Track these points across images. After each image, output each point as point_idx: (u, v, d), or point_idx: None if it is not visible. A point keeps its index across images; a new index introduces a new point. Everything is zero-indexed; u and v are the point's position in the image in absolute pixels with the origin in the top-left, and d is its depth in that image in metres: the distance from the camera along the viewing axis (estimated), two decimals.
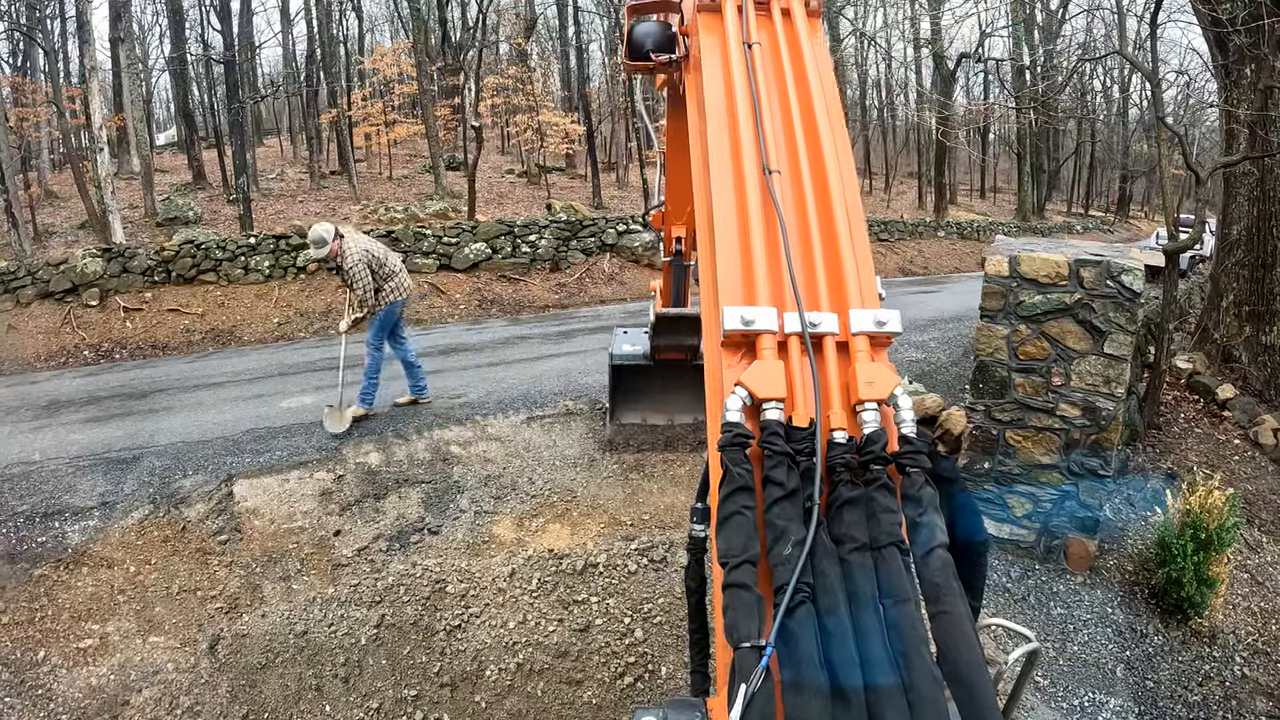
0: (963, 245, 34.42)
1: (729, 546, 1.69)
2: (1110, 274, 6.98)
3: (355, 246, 9.17)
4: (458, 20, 39.93)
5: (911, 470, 1.84)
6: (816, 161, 2.42)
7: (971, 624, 1.64)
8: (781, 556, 1.66)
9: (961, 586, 1.69)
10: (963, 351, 12.92)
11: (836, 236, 2.23)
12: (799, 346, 2.01)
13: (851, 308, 2.08)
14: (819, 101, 2.55)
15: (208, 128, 42.42)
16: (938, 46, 36.49)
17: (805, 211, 2.31)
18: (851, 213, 2.30)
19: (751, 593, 1.62)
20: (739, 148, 2.42)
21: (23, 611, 7.03)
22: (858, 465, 1.84)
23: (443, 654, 6.45)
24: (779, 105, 2.59)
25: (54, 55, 34.49)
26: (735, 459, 1.80)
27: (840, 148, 2.47)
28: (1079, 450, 7.32)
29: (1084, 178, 60.38)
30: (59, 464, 9.40)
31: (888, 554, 1.70)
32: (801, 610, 1.58)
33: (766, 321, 2.00)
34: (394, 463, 8.97)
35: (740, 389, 1.91)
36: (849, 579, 1.67)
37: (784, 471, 1.77)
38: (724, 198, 2.34)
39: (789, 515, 1.72)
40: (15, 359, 16.09)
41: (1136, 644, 6.89)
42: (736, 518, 1.73)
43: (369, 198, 29.23)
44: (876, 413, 1.91)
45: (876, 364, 2.00)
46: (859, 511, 1.77)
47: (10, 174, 22.16)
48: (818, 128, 2.48)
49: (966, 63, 38.71)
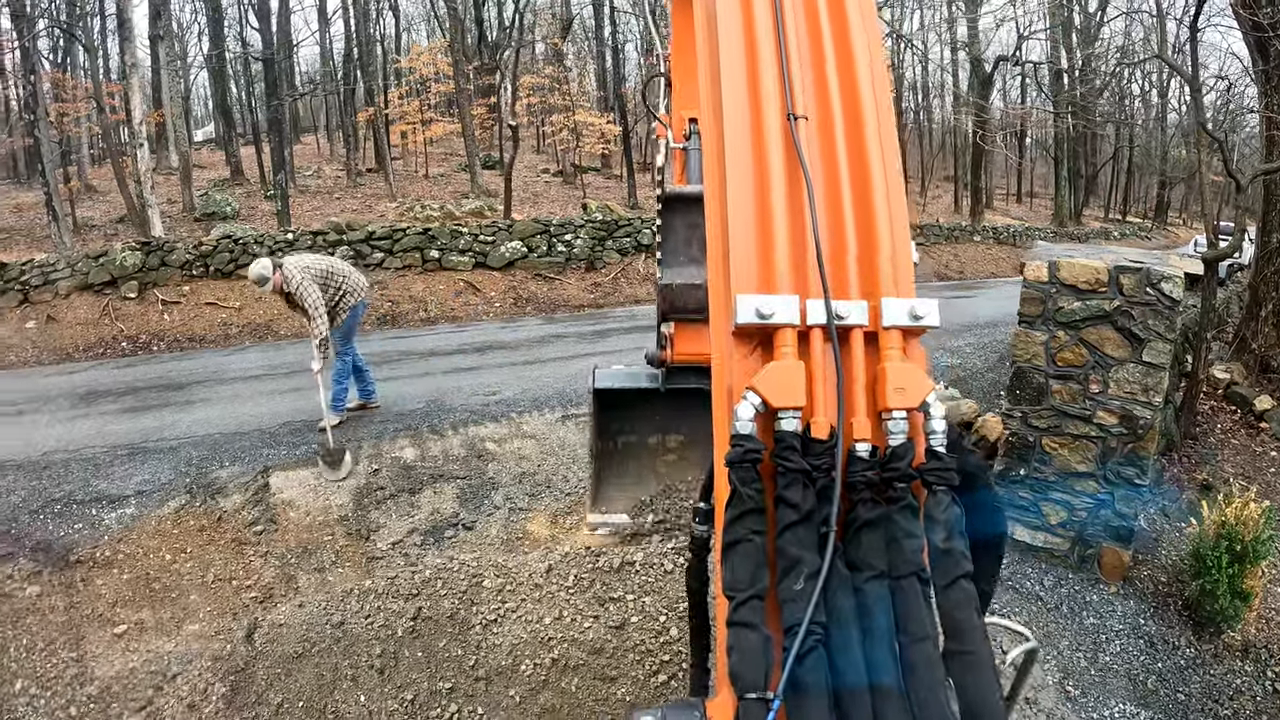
0: (999, 250, 34.10)
1: (735, 578, 1.55)
2: (1150, 281, 6.92)
3: (295, 269, 8.95)
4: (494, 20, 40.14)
5: (938, 489, 1.66)
6: (852, 108, 1.98)
7: (993, 668, 1.51)
8: (793, 592, 1.52)
9: (984, 622, 1.57)
10: (998, 357, 12.85)
11: (872, 205, 1.85)
12: (821, 341, 1.73)
13: (884, 295, 1.76)
14: (857, 31, 2.08)
15: (245, 125, 42.79)
16: (975, 49, 36.28)
17: (836, 173, 1.91)
18: (890, 176, 1.91)
19: (759, 633, 1.49)
20: (758, 85, 1.97)
21: (59, 595, 7.11)
22: (879, 482, 1.65)
23: (478, 648, 6.46)
24: (808, 35, 2.10)
25: (94, 52, 34.93)
26: (745, 478, 1.61)
27: (881, 91, 2.02)
28: (1115, 459, 7.26)
29: (1121, 183, 59.80)
30: (97, 452, 9.50)
31: (907, 585, 1.56)
32: (812, 657, 1.45)
33: (787, 314, 1.70)
34: (429, 458, 9.00)
35: (753, 394, 1.65)
36: (864, 611, 1.54)
37: (799, 491, 1.59)
38: (738, 149, 1.93)
39: (803, 543, 1.56)
40: (54, 349, 16.27)
41: (1168, 656, 6.82)
42: (745, 545, 1.58)
43: (405, 195, 29.40)
44: (905, 422, 1.67)
45: (909, 365, 1.72)
46: (878, 536, 1.61)
47: (51, 168, 22.44)
48: (855, 65, 2.03)
49: (1004, 65, 38.49)
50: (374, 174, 34.10)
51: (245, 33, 44.92)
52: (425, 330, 16.94)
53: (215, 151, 42.73)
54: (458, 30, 32.29)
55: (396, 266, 19.38)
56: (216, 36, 36.60)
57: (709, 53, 2.19)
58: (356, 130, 36.48)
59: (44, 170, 22.47)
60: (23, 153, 37.07)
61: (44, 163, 22.43)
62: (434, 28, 50.69)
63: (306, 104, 50.90)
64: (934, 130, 58.78)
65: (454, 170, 35.88)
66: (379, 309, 17.88)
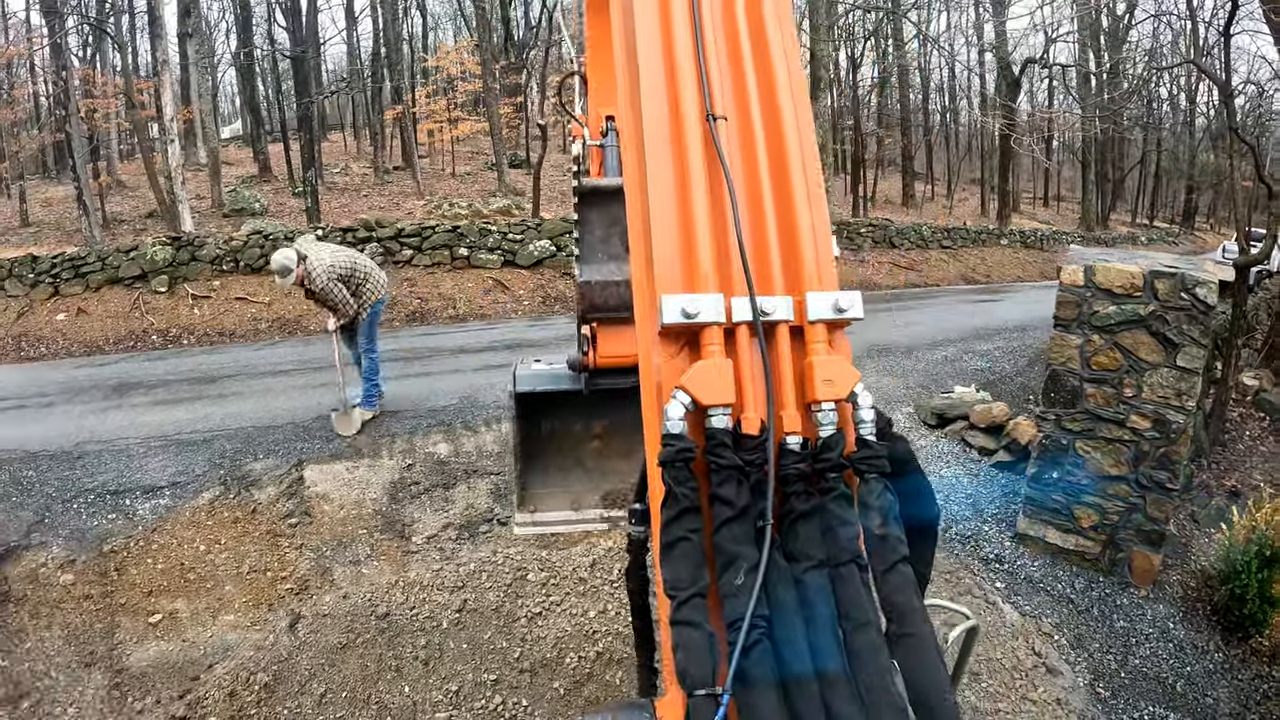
0: (1025, 254, 33.85)
1: (676, 577, 1.55)
2: (1185, 286, 6.90)
3: (320, 266, 8.82)
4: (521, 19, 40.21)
5: (870, 476, 1.68)
6: (770, 108, 1.99)
7: (936, 647, 1.53)
8: (733, 587, 1.52)
9: (924, 605, 1.60)
10: (1027, 361, 12.82)
11: (793, 202, 1.87)
12: (748, 337, 1.74)
13: (809, 290, 1.78)
14: (774, 32, 2.09)
15: (272, 122, 43.02)
16: (1002, 51, 36.10)
17: (756, 171, 1.93)
18: (809, 173, 1.93)
19: (703, 630, 1.49)
20: (677, 87, 1.97)
21: (94, 584, 7.16)
22: (812, 473, 1.66)
23: (523, 640, 6.47)
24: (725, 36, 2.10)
25: (124, 49, 35.23)
26: (679, 477, 1.61)
27: (798, 92, 2.04)
28: (1147, 463, 7.24)
29: (1149, 188, 59.38)
30: (130, 443, 9.56)
31: (846, 572, 1.57)
32: (758, 649, 1.46)
33: (712, 313, 1.69)
34: (462, 454, 9.03)
35: (682, 393, 1.65)
36: (805, 601, 1.55)
37: (733, 488, 1.59)
38: (659, 150, 1.93)
39: (740, 538, 1.56)
40: (85, 341, 16.40)
41: (1197, 660, 6.80)
42: (682, 544, 1.58)
43: (432, 193, 29.46)
44: (834, 413, 1.70)
45: (835, 357, 1.76)
46: (814, 526, 1.62)
47: (81, 163, 22.67)
48: (772, 65, 2.04)
49: (1032, 68, 38.27)
50: (401, 172, 34.23)
51: (273, 31, 45.25)
52: (455, 328, 16.95)
53: (243, 148, 43.00)
54: (485, 30, 32.42)
55: (425, 264, 19.44)
56: (245, 34, 36.88)
57: (626, 54, 2.17)
58: (384, 128, 36.65)
59: (74, 165, 22.69)
60: (52, 148, 37.42)
61: (74, 158, 22.65)
62: (461, 27, 51.05)
63: (334, 102, 51.08)
64: (960, 133, 58.58)
65: (480, 169, 35.97)
66: (408, 306, 17.93)
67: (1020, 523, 7.99)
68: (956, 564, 7.61)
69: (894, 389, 11.52)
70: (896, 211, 39.33)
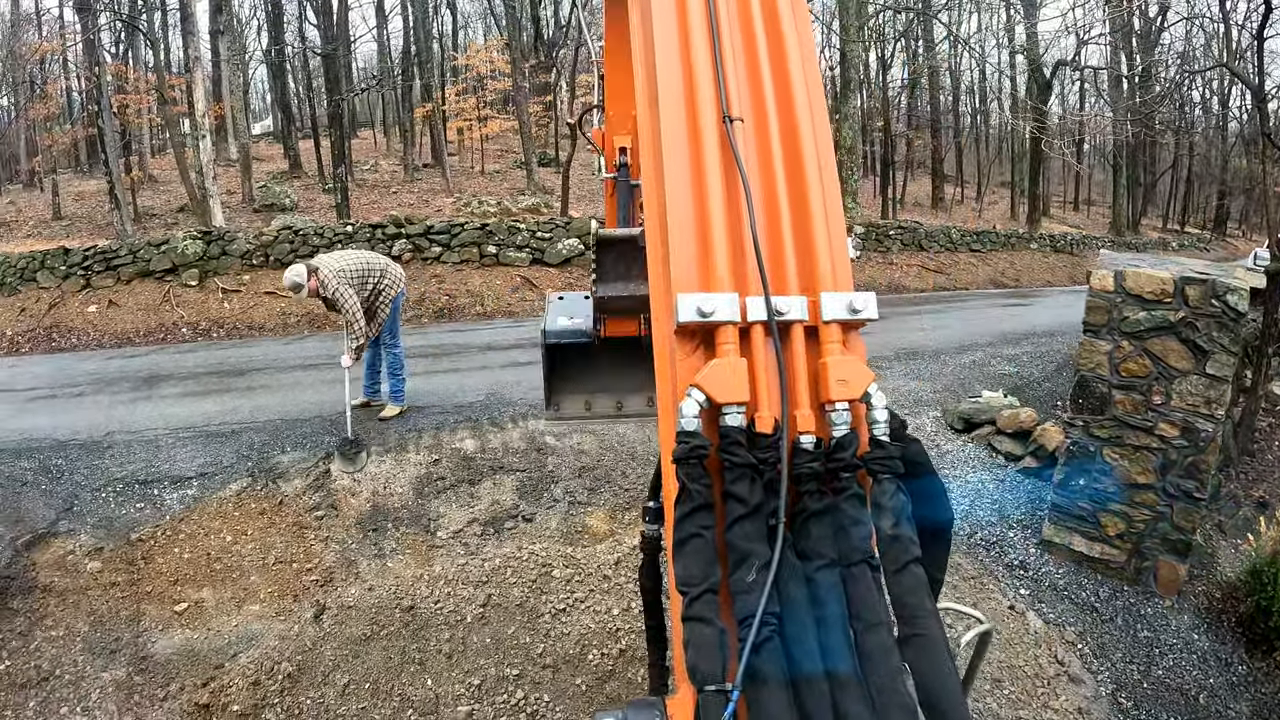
0: (1055, 258, 33.60)
1: (688, 574, 1.56)
2: (1215, 293, 6.82)
3: (330, 272, 8.87)
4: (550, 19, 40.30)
5: (883, 477, 1.69)
6: (786, 109, 2.04)
7: (946, 648, 1.54)
8: (745, 584, 1.53)
9: (935, 605, 1.60)
10: (1055, 367, 12.72)
11: (808, 203, 1.91)
12: (763, 336, 1.76)
13: (823, 290, 1.80)
14: (790, 35, 2.13)
15: (303, 118, 43.28)
16: (1034, 53, 35.84)
17: (772, 172, 1.96)
18: (825, 174, 1.96)
19: (714, 627, 1.50)
20: (694, 89, 2.01)
21: (120, 572, 7.23)
22: (825, 473, 1.68)
23: (547, 636, 6.49)
24: (742, 38, 2.15)
25: (156, 45, 35.53)
26: (693, 474, 1.62)
27: (814, 93, 2.08)
28: (1175, 471, 7.16)
29: (1180, 193, 58.68)
30: (159, 434, 9.66)
31: (858, 572, 1.58)
32: (768, 647, 1.47)
33: (727, 312, 1.72)
34: (489, 450, 9.04)
35: (697, 391, 1.67)
36: (817, 600, 1.56)
37: (746, 486, 1.61)
38: (676, 152, 1.97)
39: (752, 536, 1.58)
40: (115, 333, 16.58)
41: (1220, 672, 6.73)
42: (695, 540, 1.58)
43: (461, 191, 29.58)
44: (848, 413, 1.71)
45: (849, 358, 1.77)
46: (826, 525, 1.64)
47: (113, 158, 22.88)
48: (789, 68, 2.08)
49: (1063, 70, 38.00)
50: (430, 169, 34.37)
51: (304, 28, 45.54)
52: (482, 324, 17.03)
53: (273, 145, 43.31)
54: (514, 28, 32.50)
55: (454, 261, 19.53)
56: (276, 32, 37.10)
57: (644, 55, 2.22)
58: (413, 126, 36.81)
59: (107, 160, 22.89)
60: (85, 143, 37.80)
61: (107, 152, 22.85)
62: (490, 25, 51.20)
63: (364, 99, 51.37)
64: (990, 135, 58.22)
65: (509, 167, 36.07)
66: (436, 302, 18.03)
67: (1046, 529, 7.94)
68: (980, 569, 7.58)
69: (921, 393, 11.47)
70: (925, 214, 39.11)
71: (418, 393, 10.57)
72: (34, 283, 18.20)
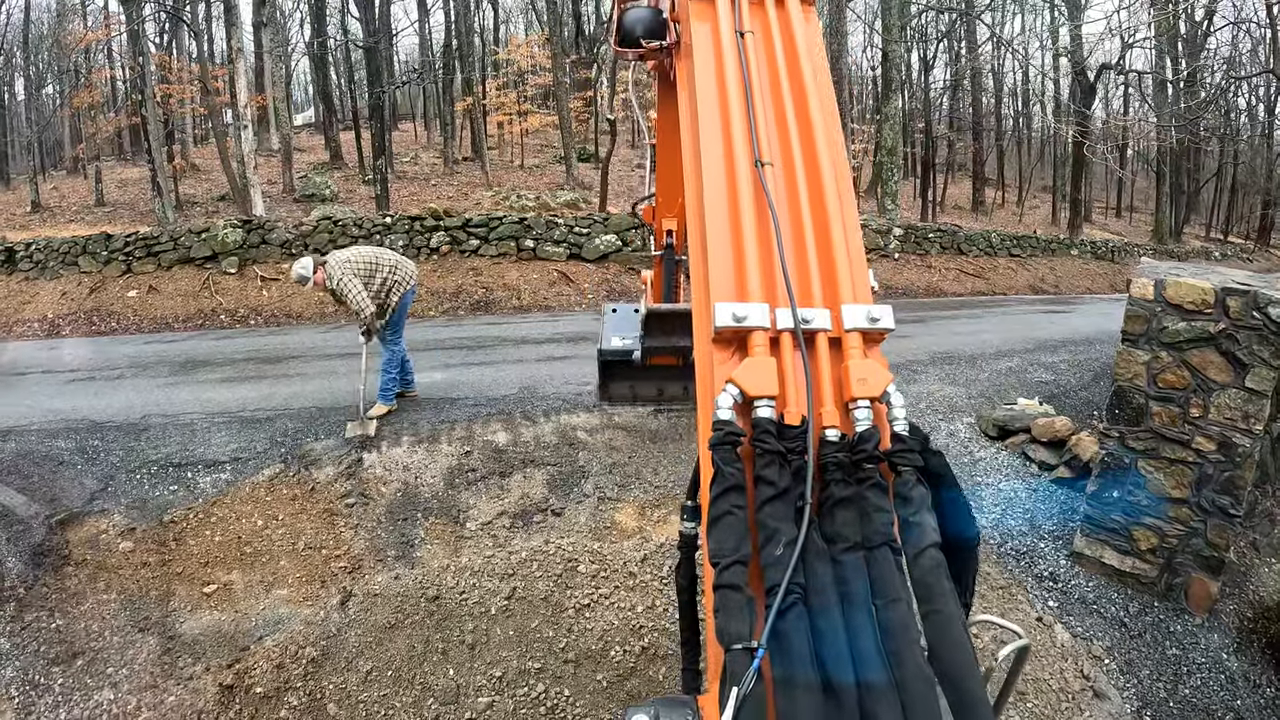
0: (1096, 265, 33.11)
1: (720, 547, 1.68)
2: (1257, 305, 6.65)
3: (336, 265, 8.91)
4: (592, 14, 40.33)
5: (904, 469, 1.83)
6: (810, 154, 2.39)
7: (963, 624, 1.63)
8: (773, 557, 1.66)
9: (953, 585, 1.69)
10: (1093, 375, 12.55)
11: (829, 230, 2.20)
12: (791, 343, 2.00)
13: (844, 303, 2.06)
14: (812, 92, 2.51)
15: (344, 110, 43.58)
16: (1078, 56, 35.43)
17: (798, 204, 2.28)
18: (845, 206, 2.27)
19: (743, 594, 1.61)
20: (730, 139, 2.39)
21: (152, 552, 7.31)
22: (850, 464, 1.83)
23: (570, 630, 6.47)
24: (771, 96, 2.55)
25: (200, 36, 35.89)
26: (726, 458, 1.79)
27: (833, 140, 2.42)
28: (1210, 486, 7.03)
29: (1224, 201, 57.72)
30: (194, 418, 9.78)
31: (880, 554, 1.70)
32: (794, 611, 1.58)
33: (758, 318, 1.99)
34: (520, 443, 9.06)
35: (732, 386, 1.89)
36: (841, 579, 1.67)
37: (776, 470, 1.76)
38: (715, 190, 2.32)
39: (780, 515, 1.72)
40: (154, 318, 16.78)
41: (1249, 694, 6.56)
42: (728, 518, 1.72)
43: (500, 185, 29.68)
44: (869, 410, 1.90)
45: (869, 361, 1.98)
46: (851, 511, 1.76)
47: (156, 146, 23.17)
48: (811, 119, 2.45)
49: (1107, 74, 37.57)
50: (470, 162, 34.54)
51: (346, 21, 45.88)
52: (518, 318, 17.08)
53: (314, 135, 43.72)
54: (556, 24, 32.57)
55: (492, 254, 19.62)
56: (318, 24, 37.37)
57: (690, 119, 2.65)
58: (454, 119, 36.98)
59: (149, 148, 23.21)
60: (128, 131, 38.28)
61: (149, 141, 23.16)
62: (532, 20, 51.38)
63: (405, 92, 51.74)
64: (1032, 139, 57.71)
65: (549, 161, 36.18)
66: (473, 295, 18.10)
67: (1077, 541, 7.82)
68: (1010, 579, 7.48)
69: (956, 398, 11.36)
70: (965, 217, 38.87)
71: (452, 384, 10.65)
72: (76, 267, 18.45)
